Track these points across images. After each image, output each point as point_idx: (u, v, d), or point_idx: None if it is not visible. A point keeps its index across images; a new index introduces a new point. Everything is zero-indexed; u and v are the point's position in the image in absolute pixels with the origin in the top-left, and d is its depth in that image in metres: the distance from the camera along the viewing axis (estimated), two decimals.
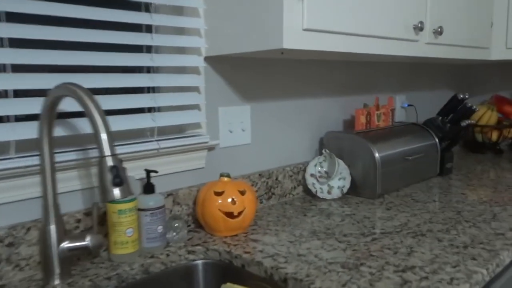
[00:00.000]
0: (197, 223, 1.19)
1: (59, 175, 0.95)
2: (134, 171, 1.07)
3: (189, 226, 1.20)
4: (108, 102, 1.00)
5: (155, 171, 1.03)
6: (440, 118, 1.76)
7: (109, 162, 0.74)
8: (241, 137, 1.33)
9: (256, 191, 1.36)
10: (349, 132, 1.52)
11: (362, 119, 1.59)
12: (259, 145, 1.40)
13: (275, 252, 1.01)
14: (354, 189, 1.48)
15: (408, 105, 1.98)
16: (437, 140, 1.72)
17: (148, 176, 1.03)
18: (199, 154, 1.21)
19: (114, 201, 0.96)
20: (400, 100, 1.99)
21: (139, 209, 1.01)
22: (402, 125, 1.75)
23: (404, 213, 1.28)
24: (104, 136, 0.74)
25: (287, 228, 1.18)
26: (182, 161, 1.18)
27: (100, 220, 1.02)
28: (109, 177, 0.73)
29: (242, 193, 1.13)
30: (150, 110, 1.10)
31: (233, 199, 1.10)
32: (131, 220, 0.97)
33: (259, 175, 1.36)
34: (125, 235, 0.97)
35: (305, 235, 1.12)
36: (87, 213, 1.00)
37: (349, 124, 1.75)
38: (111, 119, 1.00)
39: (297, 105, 1.51)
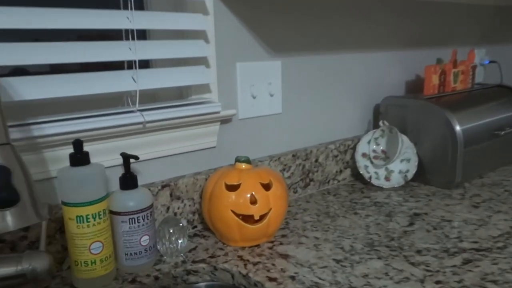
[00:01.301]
0: (206, 223, 0.86)
1: None
2: (106, 155, 0.74)
3: (195, 228, 0.87)
4: (58, 51, 0.65)
5: (135, 157, 0.70)
6: None
7: None
8: (269, 104, 0.97)
9: (289, 177, 1.01)
10: (416, 98, 1.12)
11: (435, 80, 1.17)
12: (293, 116, 1.03)
13: (314, 280, 0.66)
14: (422, 175, 1.10)
15: (490, 62, 1.52)
16: None
17: (126, 164, 0.70)
18: (208, 129, 0.86)
19: (67, 203, 0.63)
20: (479, 56, 1.54)
21: (113, 213, 0.69)
22: (485, 87, 1.31)
23: (501, 214, 0.89)
24: None
25: (331, 235, 0.82)
26: (182, 139, 0.84)
27: (60, 227, 0.71)
28: None
29: (267, 186, 0.78)
30: (130, 66, 0.75)
31: (253, 196, 0.75)
32: (97, 231, 0.65)
33: (293, 155, 1.01)
34: (89, 252, 0.65)
35: (358, 249, 0.76)
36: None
37: (415, 86, 1.33)
38: (64, 78, 0.66)
39: (345, 61, 1.11)
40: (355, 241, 0.79)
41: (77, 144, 0.63)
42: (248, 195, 0.75)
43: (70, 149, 0.67)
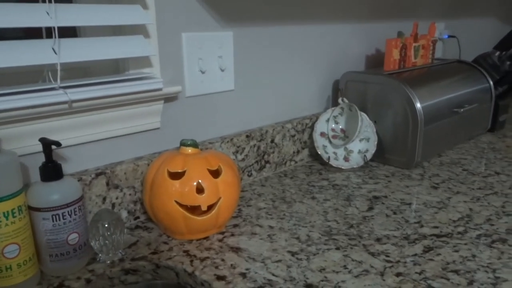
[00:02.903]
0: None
1: None
2: (23, 141, 0.63)
3: (137, 219, 0.78)
4: None
5: (57, 143, 0.59)
6: (497, 53, 1.29)
7: None
8: (220, 80, 0.88)
9: (243, 160, 0.93)
10: (376, 73, 1.06)
11: (395, 54, 1.12)
12: (247, 93, 0.95)
13: (267, 277, 0.60)
14: (381, 155, 1.06)
15: (449, 36, 1.49)
16: (491, 83, 1.26)
17: (47, 151, 0.59)
18: (150, 108, 0.77)
19: None
20: (439, 30, 1.50)
21: (32, 209, 0.59)
22: (445, 63, 1.28)
23: (460, 196, 0.86)
24: None
25: (286, 223, 0.76)
26: (120, 120, 0.73)
27: None
28: None
29: (216, 173, 0.70)
30: (50, 34, 0.63)
31: (199, 184, 0.67)
32: (12, 231, 0.55)
33: (247, 136, 0.93)
34: (2, 256, 0.55)
35: (315, 239, 0.70)
36: None
37: (375, 61, 1.28)
38: None
39: (303, 33, 1.03)
40: (312, 229, 0.74)
41: None
42: (194, 183, 0.67)
43: None
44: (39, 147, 0.64)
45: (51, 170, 0.59)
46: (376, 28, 1.25)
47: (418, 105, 0.99)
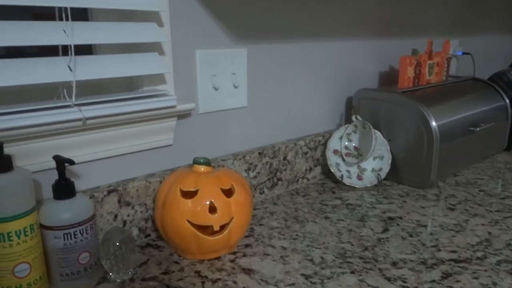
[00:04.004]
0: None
1: None
2: (37, 157, 0.63)
3: (147, 236, 0.77)
4: None
5: (71, 161, 0.59)
6: None
7: None
8: (233, 97, 0.87)
9: (255, 177, 0.92)
10: (390, 91, 1.05)
11: (410, 72, 1.11)
12: (260, 109, 0.94)
13: None
14: (395, 174, 1.04)
15: (463, 53, 1.48)
16: (507, 101, 1.24)
17: (60, 169, 0.59)
18: (163, 125, 0.76)
19: None
20: (453, 47, 1.49)
21: (44, 227, 0.58)
22: (459, 80, 1.26)
23: (478, 218, 0.84)
24: None
25: (299, 244, 0.75)
26: (133, 137, 0.73)
27: None
28: None
29: (228, 192, 0.69)
30: (66, 51, 0.63)
31: (212, 204, 0.66)
32: (23, 250, 0.54)
33: (259, 153, 0.92)
34: (13, 275, 0.54)
35: (329, 261, 0.69)
36: None
37: (389, 78, 1.27)
38: None
39: (317, 50, 1.03)
40: (326, 251, 0.72)
41: None
42: (207, 203, 0.66)
43: None
44: (52, 164, 0.63)
45: (64, 189, 0.59)
46: (389, 45, 1.24)
47: (434, 123, 0.97)
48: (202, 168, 0.71)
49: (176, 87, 0.78)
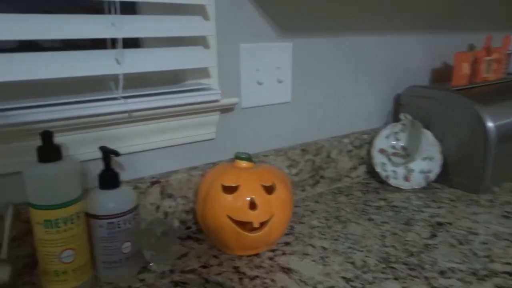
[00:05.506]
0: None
1: None
2: (85, 147, 0.64)
3: (188, 229, 0.78)
4: (25, 26, 0.55)
5: (116, 152, 0.60)
6: None
7: None
8: (277, 92, 0.86)
9: (297, 174, 0.90)
10: (443, 89, 0.99)
11: (465, 69, 1.04)
12: (304, 105, 0.92)
13: None
14: (446, 177, 0.98)
15: None
16: None
17: (106, 160, 0.60)
18: (206, 119, 0.76)
19: (33, 205, 0.54)
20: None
21: (90, 215, 0.60)
22: None
23: None
24: None
25: (341, 245, 0.72)
26: (176, 130, 0.73)
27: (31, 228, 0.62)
28: None
29: (269, 189, 0.68)
30: (114, 44, 0.64)
31: (252, 201, 0.65)
32: (69, 237, 0.56)
33: (302, 150, 0.90)
34: (60, 260, 0.56)
35: (371, 266, 0.66)
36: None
37: (442, 75, 1.20)
38: (32, 57, 0.56)
39: (365, 44, 0.99)
40: (369, 254, 0.69)
41: (46, 136, 0.54)
42: (247, 199, 0.65)
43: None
44: (98, 154, 0.65)
45: (109, 179, 0.60)
46: (442, 40, 1.18)
47: (490, 124, 0.91)
48: (244, 164, 0.70)
49: (220, 81, 0.78)
